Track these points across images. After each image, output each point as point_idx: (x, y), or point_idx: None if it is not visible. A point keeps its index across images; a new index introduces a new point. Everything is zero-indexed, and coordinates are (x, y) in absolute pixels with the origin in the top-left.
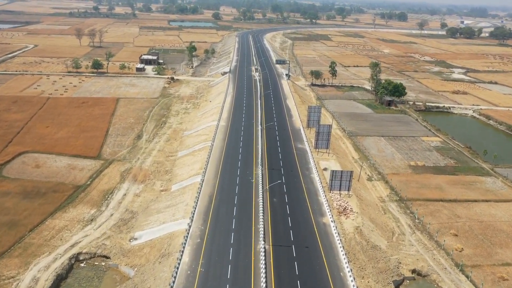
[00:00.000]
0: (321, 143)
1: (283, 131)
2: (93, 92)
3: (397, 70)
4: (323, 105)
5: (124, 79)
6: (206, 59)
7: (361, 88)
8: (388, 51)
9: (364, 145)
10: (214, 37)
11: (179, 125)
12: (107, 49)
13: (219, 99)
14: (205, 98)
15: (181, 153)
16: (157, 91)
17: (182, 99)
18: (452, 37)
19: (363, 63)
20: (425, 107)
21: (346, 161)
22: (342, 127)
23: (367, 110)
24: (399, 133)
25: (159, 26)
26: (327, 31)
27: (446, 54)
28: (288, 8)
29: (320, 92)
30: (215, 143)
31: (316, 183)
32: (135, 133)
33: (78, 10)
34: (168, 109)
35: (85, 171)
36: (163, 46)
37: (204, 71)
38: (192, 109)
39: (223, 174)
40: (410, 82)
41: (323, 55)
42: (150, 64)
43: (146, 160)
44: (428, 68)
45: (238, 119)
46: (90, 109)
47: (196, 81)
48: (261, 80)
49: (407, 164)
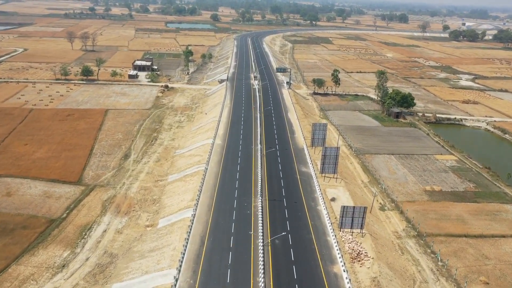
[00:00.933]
0: (327, 168)
1: (285, 150)
2: (80, 102)
3: (402, 76)
4: (326, 117)
5: (115, 87)
6: (203, 64)
7: (366, 97)
8: (391, 55)
9: (373, 165)
10: (212, 40)
11: (171, 141)
12: (100, 53)
13: (215, 112)
14: (201, 110)
15: (171, 177)
16: (149, 101)
17: (176, 111)
18: (455, 40)
19: (367, 69)
20: (436, 119)
21: (356, 187)
22: (349, 143)
23: (374, 122)
24: (410, 150)
25: (156, 28)
26: (327, 33)
27: (451, 58)
28: (288, 9)
29: (323, 101)
30: (209, 167)
31: (324, 218)
32: (123, 151)
33: (74, 11)
34: (160, 122)
35: (62, 200)
36: (159, 50)
37: (201, 77)
38: (186, 122)
39: (218, 207)
40: (416, 90)
41: (324, 59)
42: (143, 71)
43: (132, 185)
44: (434, 74)
45: (235, 137)
46: (75, 122)
47: (191, 90)
48: (261, 90)
49: (422, 189)
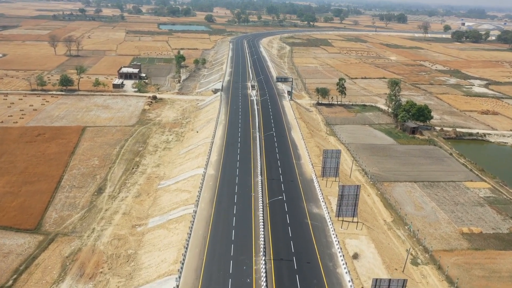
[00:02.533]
0: (345, 210)
1: (290, 183)
2: (55, 118)
3: (411, 83)
4: (333, 133)
5: (97, 99)
6: (196, 71)
7: (374, 107)
8: (395, 58)
9: (394, 197)
10: (206, 42)
11: (156, 168)
12: (85, 58)
13: (208, 130)
14: (192, 126)
15: (152, 222)
16: (134, 115)
17: (164, 127)
18: (458, 41)
19: (371, 74)
20: (456, 135)
21: (380, 233)
22: (363, 167)
23: (388, 139)
24: (434, 176)
25: (148, 30)
26: (326, 34)
27: (457, 61)
28: (284, 9)
29: (328, 114)
30: (199, 210)
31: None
32: (97, 183)
33: (63, 12)
34: (145, 142)
35: (11, 259)
36: (149, 54)
37: (193, 86)
38: (175, 142)
39: (208, 273)
40: (428, 98)
41: (325, 63)
42: (130, 79)
43: (103, 232)
44: (444, 79)
45: (231, 165)
46: (45, 144)
47: (182, 101)
48: (259, 102)
49: (458, 230)
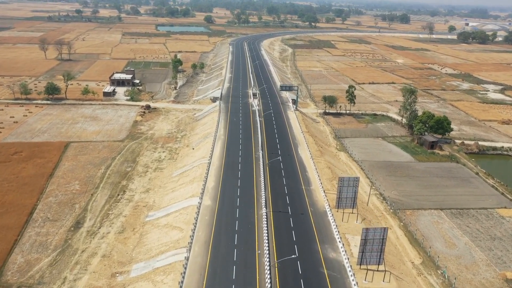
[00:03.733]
0: (369, 257)
1: (300, 216)
2: (37, 132)
3: (422, 88)
4: (344, 149)
5: (85, 109)
6: (193, 76)
7: (386, 117)
8: (402, 61)
9: (420, 230)
10: (205, 45)
11: (145, 195)
12: (77, 62)
13: (205, 147)
14: (187, 141)
15: (136, 269)
16: (124, 128)
17: (156, 142)
18: (464, 42)
19: (379, 79)
20: (478, 149)
21: (411, 284)
22: (380, 191)
23: (405, 156)
24: (462, 201)
25: (145, 32)
26: (328, 36)
27: (467, 64)
28: (285, 10)
29: (337, 124)
30: (192, 257)
31: None
32: (75, 214)
33: (59, 13)
34: (134, 161)
35: None
36: (145, 58)
37: (190, 93)
38: (168, 161)
39: None
40: (442, 106)
41: (330, 67)
42: (123, 85)
43: (76, 284)
44: (456, 84)
45: (231, 193)
46: (21, 165)
47: (178, 110)
48: (262, 113)
49: (501, 276)
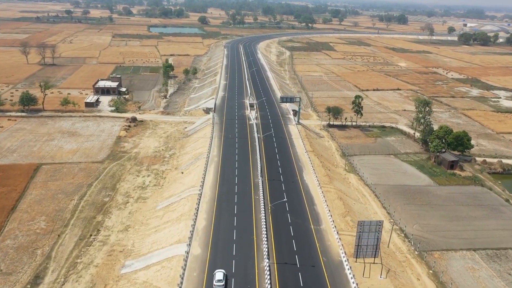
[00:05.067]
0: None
1: (310, 269)
2: (5, 151)
3: (429, 95)
4: (353, 169)
5: (64, 123)
6: (185, 82)
7: (396, 130)
8: (405, 64)
9: (454, 280)
10: (199, 47)
11: (123, 235)
12: (61, 68)
13: (196, 172)
14: (176, 162)
15: None
16: (106, 145)
17: (141, 164)
18: (465, 44)
19: (383, 85)
20: (503, 168)
21: None
22: (399, 224)
23: (422, 178)
24: (497, 238)
25: (136, 33)
26: (326, 37)
27: (472, 68)
28: (280, 10)
29: (343, 139)
30: None
31: None
32: (36, 264)
33: (48, 14)
34: (114, 188)
35: None
36: (135, 62)
37: (181, 102)
38: (153, 188)
39: None
40: (454, 116)
41: (330, 72)
42: (108, 94)
43: None
44: (465, 90)
45: (225, 236)
46: None
47: (167, 123)
48: (260, 127)
49: None
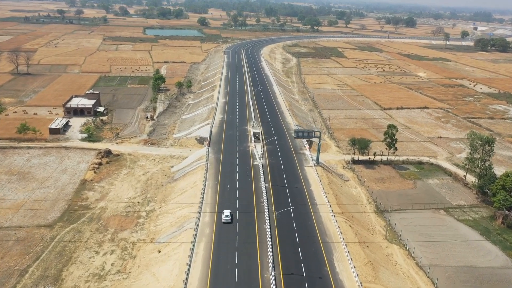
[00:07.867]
0: None
1: None
2: None
3: (463, 116)
4: (396, 236)
5: (16, 158)
6: (178, 97)
7: (436, 168)
8: (425, 74)
9: None
10: (197, 52)
11: None
12: (37, 77)
13: (179, 253)
14: (154, 227)
15: None
16: (64, 195)
17: (105, 229)
18: (483, 50)
19: (408, 101)
20: None
21: None
22: None
23: (493, 252)
24: None
25: (130, 36)
26: (334, 41)
27: (500, 79)
28: (283, 11)
29: (373, 183)
30: None
31: None
32: None
33: (39, 14)
34: (58, 277)
35: None
36: (122, 71)
37: (171, 126)
38: (114, 277)
39: None
40: (502, 146)
41: (344, 84)
42: (82, 115)
43: None
44: (502, 109)
45: None
46: None
47: (149, 159)
48: (268, 171)
49: None
